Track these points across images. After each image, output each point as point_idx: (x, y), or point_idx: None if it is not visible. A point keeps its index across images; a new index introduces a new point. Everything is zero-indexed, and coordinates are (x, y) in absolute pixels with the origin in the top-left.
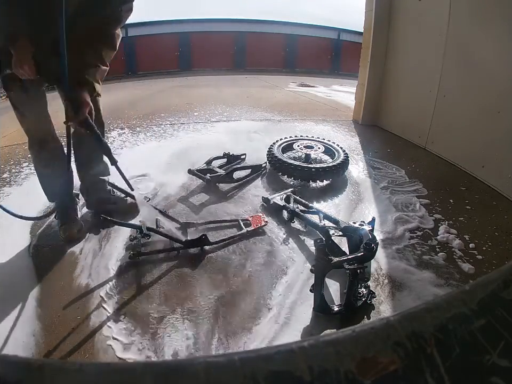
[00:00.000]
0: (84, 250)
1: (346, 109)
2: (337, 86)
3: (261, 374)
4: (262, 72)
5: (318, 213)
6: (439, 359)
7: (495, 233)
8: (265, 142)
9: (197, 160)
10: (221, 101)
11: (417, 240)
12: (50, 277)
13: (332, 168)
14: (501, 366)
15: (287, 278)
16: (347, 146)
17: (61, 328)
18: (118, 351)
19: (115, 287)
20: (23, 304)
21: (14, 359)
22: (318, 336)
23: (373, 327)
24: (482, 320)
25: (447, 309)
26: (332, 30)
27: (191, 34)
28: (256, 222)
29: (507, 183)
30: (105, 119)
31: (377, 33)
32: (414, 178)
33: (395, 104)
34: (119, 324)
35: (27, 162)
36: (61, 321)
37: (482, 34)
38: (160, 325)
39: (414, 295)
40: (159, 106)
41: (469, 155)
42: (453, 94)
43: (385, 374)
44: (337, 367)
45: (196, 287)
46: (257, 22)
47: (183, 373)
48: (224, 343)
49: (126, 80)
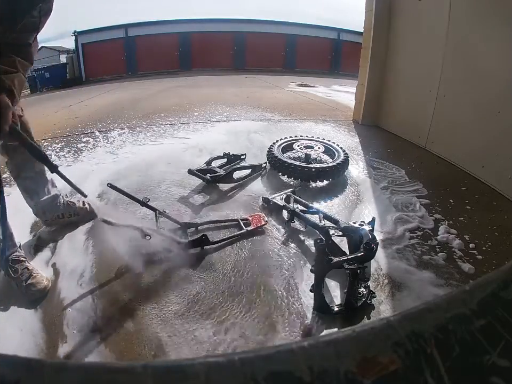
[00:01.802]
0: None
1: (346, 109)
2: (337, 86)
3: (261, 374)
4: (262, 72)
5: (318, 213)
6: (439, 359)
7: (495, 233)
8: (265, 142)
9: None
10: (221, 101)
11: (417, 240)
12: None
13: (332, 168)
14: (501, 366)
15: (287, 278)
16: (347, 146)
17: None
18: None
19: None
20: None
21: (14, 358)
22: (318, 336)
23: (373, 327)
24: (482, 320)
25: (447, 309)
26: (332, 30)
27: (191, 34)
28: (256, 222)
29: (507, 183)
30: (105, 119)
31: (377, 33)
32: (414, 178)
33: (395, 104)
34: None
35: None
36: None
37: (482, 34)
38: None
39: (414, 295)
40: (159, 106)
41: (469, 155)
42: (453, 94)
43: (385, 374)
44: (337, 367)
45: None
46: (257, 22)
47: (183, 373)
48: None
49: (126, 80)
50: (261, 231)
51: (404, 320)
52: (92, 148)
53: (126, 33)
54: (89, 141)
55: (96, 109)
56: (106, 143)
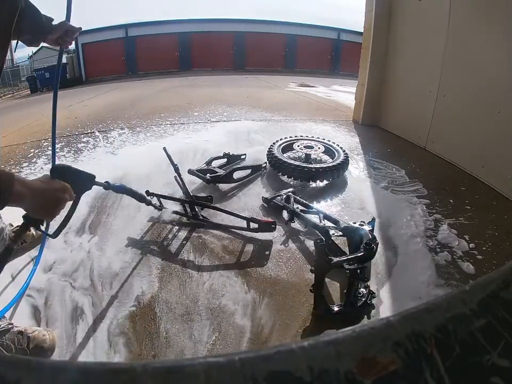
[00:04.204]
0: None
1: (346, 109)
2: (337, 86)
3: (261, 374)
4: (262, 72)
5: (318, 213)
6: (439, 359)
7: (495, 233)
8: (265, 142)
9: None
10: (221, 101)
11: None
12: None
13: (332, 168)
14: (501, 366)
15: (286, 277)
16: (347, 146)
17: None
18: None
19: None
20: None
21: (14, 358)
22: (318, 336)
23: (373, 327)
24: (482, 320)
25: (447, 309)
26: (332, 30)
27: (191, 34)
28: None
29: (507, 183)
30: (105, 119)
31: (377, 33)
32: (414, 178)
33: (395, 104)
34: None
35: (27, 162)
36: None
37: (482, 34)
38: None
39: (414, 295)
40: (159, 106)
41: (469, 155)
42: (453, 94)
43: (385, 374)
44: (337, 367)
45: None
46: (257, 22)
47: (183, 373)
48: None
49: (126, 80)
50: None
51: (404, 320)
52: (92, 148)
53: (126, 33)
54: (89, 141)
55: (96, 109)
56: (106, 143)
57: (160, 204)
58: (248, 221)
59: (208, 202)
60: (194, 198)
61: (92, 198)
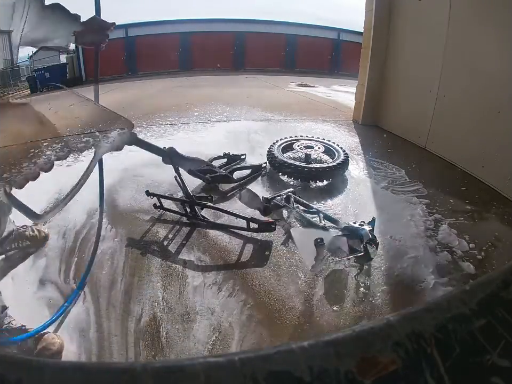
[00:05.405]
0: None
1: (346, 109)
2: (337, 86)
3: (261, 374)
4: (262, 72)
5: (318, 213)
6: (439, 359)
7: (495, 233)
8: (265, 142)
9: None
10: (221, 101)
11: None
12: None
13: (332, 168)
14: (501, 366)
15: (286, 277)
16: (347, 146)
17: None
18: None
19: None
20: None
21: (14, 358)
22: (318, 336)
23: (372, 327)
24: (482, 320)
25: (447, 309)
26: (331, 30)
27: (191, 34)
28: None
29: (507, 183)
30: (105, 119)
31: (377, 33)
32: (414, 178)
33: (395, 104)
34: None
35: (27, 162)
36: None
37: (482, 34)
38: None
39: (414, 295)
40: (159, 106)
41: (469, 155)
42: (453, 94)
43: (385, 374)
44: (337, 367)
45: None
46: (257, 22)
47: (183, 373)
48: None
49: (126, 80)
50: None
51: (404, 320)
52: (92, 148)
53: (126, 33)
54: (89, 141)
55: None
56: (106, 143)
57: (160, 203)
58: (248, 221)
59: (208, 202)
60: (194, 198)
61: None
